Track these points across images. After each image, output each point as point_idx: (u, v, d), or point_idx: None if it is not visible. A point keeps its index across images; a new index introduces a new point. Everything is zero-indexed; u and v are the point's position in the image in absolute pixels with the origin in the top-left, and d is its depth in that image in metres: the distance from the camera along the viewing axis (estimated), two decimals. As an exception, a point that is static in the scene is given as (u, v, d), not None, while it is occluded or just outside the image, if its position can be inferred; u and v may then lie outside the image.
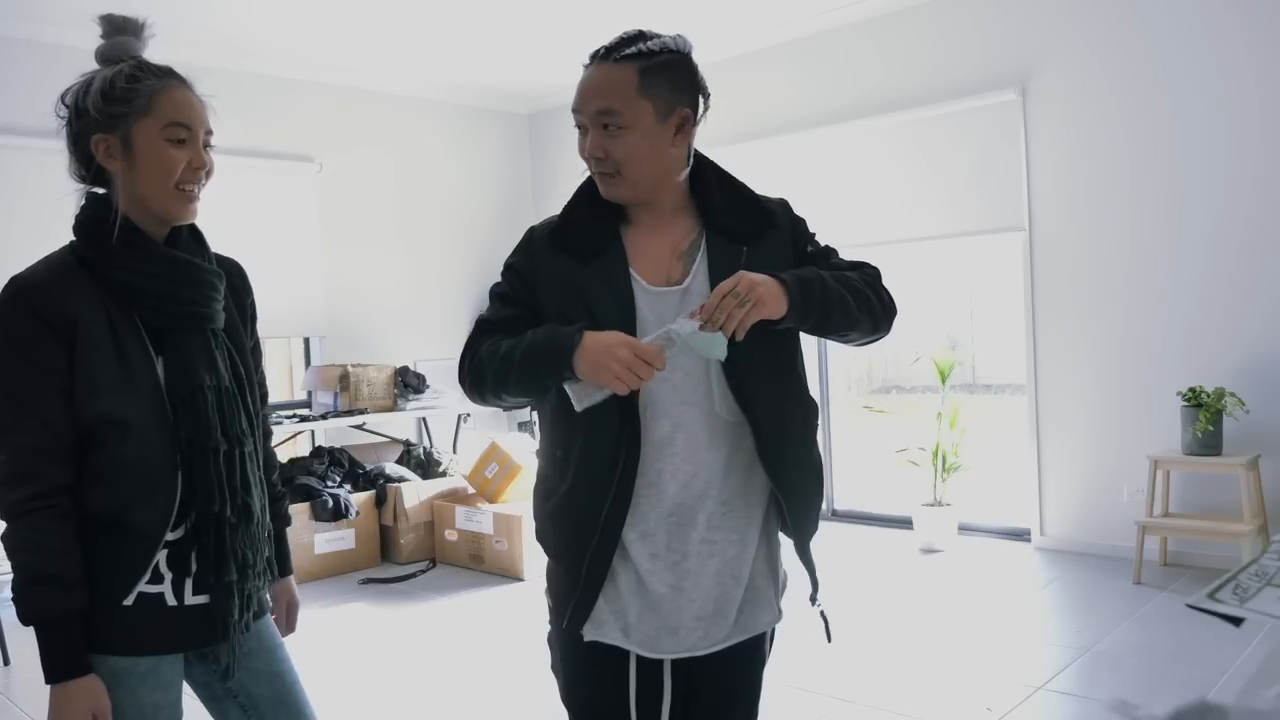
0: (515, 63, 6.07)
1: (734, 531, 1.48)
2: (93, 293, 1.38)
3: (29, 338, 1.34)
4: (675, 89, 1.45)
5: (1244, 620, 0.96)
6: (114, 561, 1.38)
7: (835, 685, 3.17)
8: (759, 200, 1.56)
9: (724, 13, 5.34)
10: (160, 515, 1.39)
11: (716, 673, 1.52)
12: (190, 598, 1.43)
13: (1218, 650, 3.20)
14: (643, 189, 1.48)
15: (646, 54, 1.43)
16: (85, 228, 1.42)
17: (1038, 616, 3.89)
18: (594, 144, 1.46)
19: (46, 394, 1.34)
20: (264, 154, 5.69)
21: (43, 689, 1.35)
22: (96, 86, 1.39)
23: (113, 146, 1.39)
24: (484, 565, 4.97)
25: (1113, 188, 4.54)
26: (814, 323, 1.43)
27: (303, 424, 5.32)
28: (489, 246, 6.91)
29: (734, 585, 1.48)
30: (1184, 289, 4.36)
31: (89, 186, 1.45)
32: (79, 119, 1.40)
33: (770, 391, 1.47)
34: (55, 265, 1.40)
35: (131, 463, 1.37)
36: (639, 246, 1.50)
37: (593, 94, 1.45)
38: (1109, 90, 4.52)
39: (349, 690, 3.42)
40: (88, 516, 1.37)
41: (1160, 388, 4.40)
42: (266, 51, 5.57)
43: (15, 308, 1.35)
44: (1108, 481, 4.61)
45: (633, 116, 1.42)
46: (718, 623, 1.47)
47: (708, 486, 1.46)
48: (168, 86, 1.41)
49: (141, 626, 1.40)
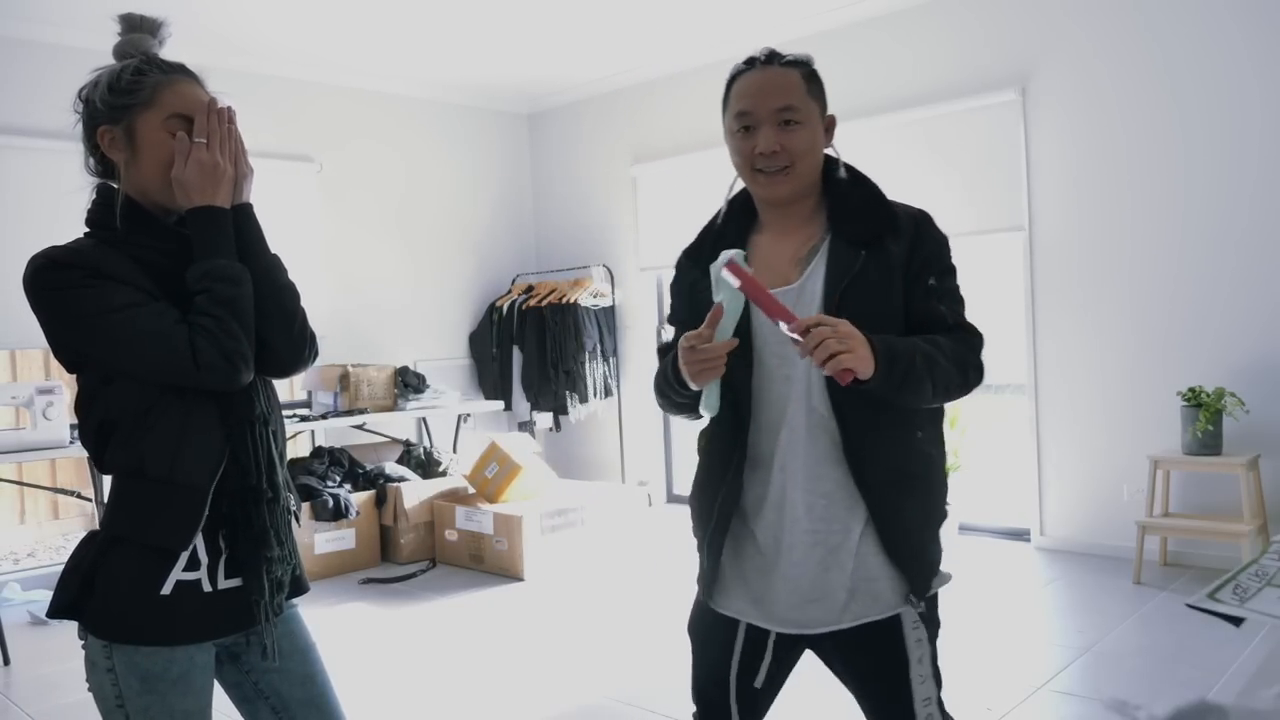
0: (515, 63, 6.07)
1: (836, 522, 1.54)
2: (125, 260, 1.39)
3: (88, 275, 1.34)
4: (823, 96, 1.59)
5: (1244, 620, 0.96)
6: (168, 515, 1.38)
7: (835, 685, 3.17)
8: (886, 204, 1.58)
9: (724, 13, 5.34)
10: (209, 472, 1.39)
11: (844, 654, 1.60)
12: (223, 582, 1.44)
13: (1218, 650, 3.20)
14: (804, 185, 1.58)
15: (802, 63, 1.57)
16: (99, 217, 1.44)
17: (1038, 616, 3.89)
18: (769, 139, 1.53)
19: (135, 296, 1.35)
20: (264, 154, 5.68)
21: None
22: (105, 80, 1.42)
23: (117, 138, 1.41)
24: (484, 565, 4.97)
25: (1113, 187, 4.54)
26: (884, 393, 1.44)
27: (303, 424, 5.32)
28: (489, 246, 6.92)
29: (838, 573, 1.54)
30: (1184, 289, 4.36)
31: (101, 180, 1.47)
32: (90, 113, 1.43)
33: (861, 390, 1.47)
34: (80, 244, 1.42)
35: (185, 420, 1.38)
36: (764, 250, 1.61)
37: (772, 92, 1.54)
38: (1109, 90, 4.52)
39: (349, 690, 3.41)
40: (141, 478, 1.38)
41: (1160, 388, 4.40)
42: (266, 51, 5.57)
43: (53, 266, 1.35)
44: (1108, 481, 4.61)
45: (807, 113, 1.55)
46: (824, 606, 1.54)
47: (808, 479, 1.54)
48: (173, 80, 1.43)
49: (178, 615, 1.40)
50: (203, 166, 1.40)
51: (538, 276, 6.88)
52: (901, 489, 1.54)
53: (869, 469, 1.52)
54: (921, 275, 1.54)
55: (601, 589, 4.60)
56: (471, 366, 6.77)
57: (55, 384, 4.38)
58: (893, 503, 1.54)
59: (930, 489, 1.58)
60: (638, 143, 6.46)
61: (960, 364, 1.51)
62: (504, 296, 6.72)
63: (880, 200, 1.59)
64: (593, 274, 6.49)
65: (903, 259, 1.54)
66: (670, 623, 4.03)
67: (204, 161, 1.40)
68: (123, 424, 1.38)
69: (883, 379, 1.40)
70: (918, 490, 1.56)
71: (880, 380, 1.40)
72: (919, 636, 1.56)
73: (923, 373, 1.44)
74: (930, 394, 1.48)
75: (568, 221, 6.94)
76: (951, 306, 1.56)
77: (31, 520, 6.43)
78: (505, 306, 6.60)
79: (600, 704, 3.20)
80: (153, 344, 1.33)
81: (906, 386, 1.43)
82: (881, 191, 1.60)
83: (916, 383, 1.44)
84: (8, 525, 6.28)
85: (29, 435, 4.21)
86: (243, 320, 1.39)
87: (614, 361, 6.54)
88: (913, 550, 1.56)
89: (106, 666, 1.38)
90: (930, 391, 1.47)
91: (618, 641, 3.83)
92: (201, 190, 1.40)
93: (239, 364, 1.37)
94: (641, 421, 6.56)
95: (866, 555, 1.54)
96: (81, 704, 3.36)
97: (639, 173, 6.44)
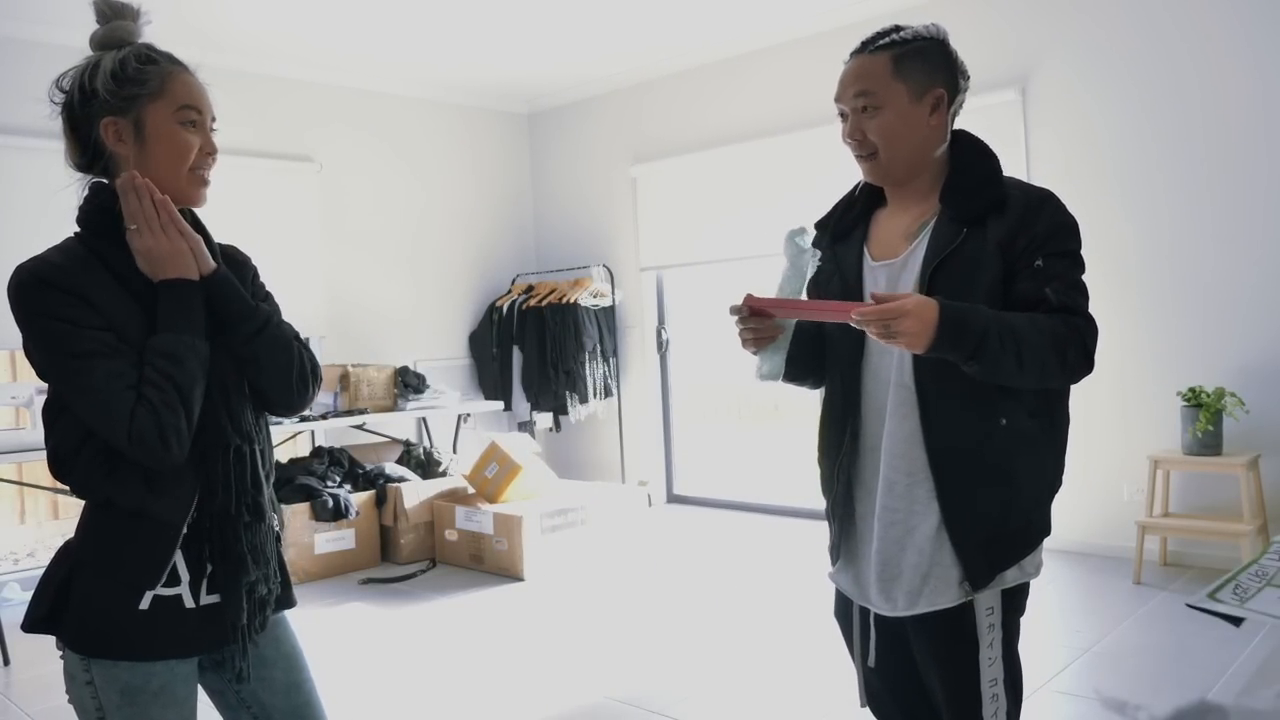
0: (515, 63, 6.07)
1: (917, 503, 1.56)
2: (106, 279, 1.34)
3: (66, 305, 1.30)
4: (930, 71, 1.57)
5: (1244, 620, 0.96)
6: (137, 552, 1.35)
7: (835, 684, 3.17)
8: (998, 183, 1.58)
9: (723, 14, 5.34)
10: (182, 506, 1.36)
11: (917, 637, 1.62)
12: (205, 598, 1.40)
13: (1218, 650, 3.20)
14: (897, 168, 1.61)
15: (900, 42, 1.57)
16: (92, 217, 1.38)
17: (1037, 616, 3.88)
18: (852, 127, 1.60)
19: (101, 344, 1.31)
20: (264, 154, 5.69)
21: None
22: (107, 68, 1.35)
23: (124, 129, 1.36)
24: (484, 565, 4.97)
25: (1112, 187, 4.53)
26: (962, 362, 1.45)
27: (302, 424, 5.31)
28: (489, 246, 6.91)
29: (914, 554, 1.56)
30: (1184, 289, 4.36)
31: (90, 176, 1.41)
32: (85, 102, 1.36)
33: (941, 368, 1.50)
34: (66, 251, 1.36)
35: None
36: (880, 226, 1.68)
37: (850, 81, 1.60)
38: (1109, 90, 4.52)
39: (349, 690, 3.42)
40: (111, 509, 1.35)
41: (1160, 388, 4.40)
42: (266, 51, 5.57)
43: (37, 284, 1.30)
44: (1108, 481, 4.61)
45: (887, 97, 1.56)
46: (898, 588, 1.57)
47: (892, 456, 1.58)
48: (178, 70, 1.40)
49: (157, 630, 1.36)
50: (150, 253, 1.34)
51: (538, 276, 6.88)
52: (975, 476, 1.53)
53: (942, 452, 1.54)
54: (1027, 255, 1.52)
55: (601, 589, 4.60)
56: (471, 366, 6.77)
57: (55, 384, 4.38)
58: (963, 489, 1.53)
59: (1010, 480, 1.55)
60: (638, 143, 6.46)
61: (1058, 346, 1.46)
62: (504, 296, 6.72)
63: (991, 178, 1.58)
64: (593, 274, 6.49)
65: (1006, 238, 1.52)
66: (670, 623, 4.03)
67: (149, 249, 1.34)
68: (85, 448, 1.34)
69: (948, 347, 1.41)
70: (994, 480, 1.54)
71: (942, 348, 1.41)
72: (992, 622, 1.56)
73: (1000, 346, 1.42)
74: (1015, 370, 1.44)
75: (568, 221, 6.94)
76: (1061, 290, 1.50)
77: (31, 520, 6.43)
78: (505, 306, 6.60)
79: (600, 704, 3.20)
80: (95, 404, 1.29)
81: (982, 358, 1.42)
82: (997, 169, 1.60)
83: (994, 356, 1.42)
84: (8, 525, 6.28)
85: (29, 435, 4.21)
86: (184, 395, 1.33)
87: (614, 361, 6.53)
88: (980, 541, 1.54)
89: (85, 680, 1.36)
90: (1014, 367, 1.44)
91: (618, 641, 3.83)
92: (164, 271, 1.35)
93: (171, 442, 1.31)
94: (641, 421, 6.56)
95: (944, 540, 1.55)
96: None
97: (639, 173, 6.44)
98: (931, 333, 1.39)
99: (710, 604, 4.27)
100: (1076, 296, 1.51)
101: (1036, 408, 1.55)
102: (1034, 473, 1.57)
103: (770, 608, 4.15)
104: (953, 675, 1.58)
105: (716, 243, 6.07)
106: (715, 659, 3.55)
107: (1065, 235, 1.54)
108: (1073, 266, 1.53)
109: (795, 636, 3.72)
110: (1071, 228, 1.55)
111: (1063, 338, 1.47)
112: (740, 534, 5.64)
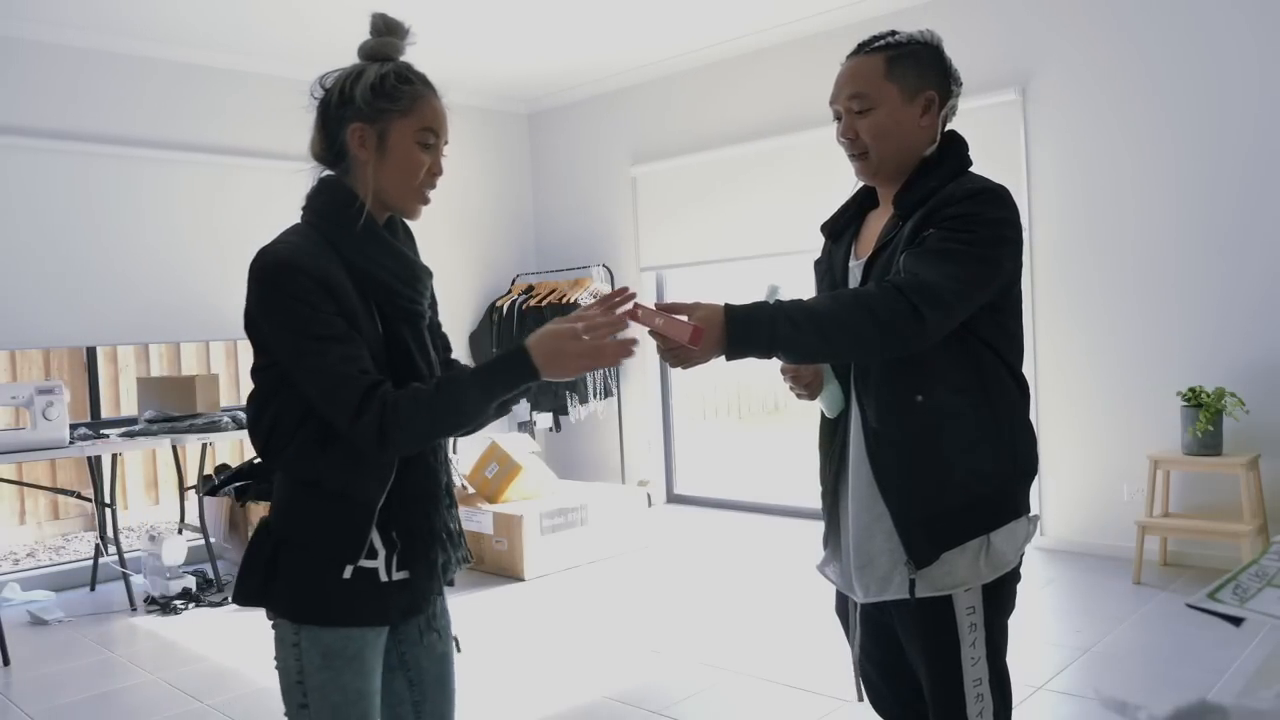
0: (515, 62, 6.07)
1: (876, 501, 1.61)
2: (340, 269, 1.43)
3: (310, 290, 1.38)
4: (922, 73, 1.60)
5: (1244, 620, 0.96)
6: (338, 528, 1.44)
7: (835, 685, 3.17)
8: (939, 175, 1.61)
9: (723, 14, 5.34)
10: (378, 486, 1.45)
11: (903, 631, 1.65)
12: (396, 573, 1.49)
13: (1218, 650, 3.20)
14: (887, 167, 1.63)
15: (894, 45, 1.60)
16: (328, 210, 1.48)
17: (1038, 616, 3.88)
18: (845, 126, 1.64)
19: (337, 329, 1.39)
20: (265, 154, 5.68)
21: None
22: (369, 79, 1.46)
23: (368, 137, 1.47)
24: (484, 565, 4.97)
25: (1113, 187, 4.54)
26: (766, 355, 1.48)
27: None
28: (488, 246, 6.92)
29: (883, 540, 1.60)
30: (1184, 288, 4.36)
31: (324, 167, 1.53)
32: (342, 105, 1.48)
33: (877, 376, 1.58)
34: (307, 240, 1.45)
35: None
36: (869, 225, 1.72)
37: (845, 82, 1.63)
38: (1109, 90, 4.52)
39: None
40: (314, 489, 1.44)
41: (1160, 388, 4.40)
42: (266, 51, 5.56)
43: (287, 268, 1.39)
44: (1108, 481, 4.61)
45: (879, 97, 1.59)
46: (870, 574, 1.63)
47: (858, 443, 1.64)
48: (429, 94, 1.50)
49: (356, 600, 1.45)
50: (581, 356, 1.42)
51: (538, 276, 6.88)
52: (901, 455, 1.58)
53: (874, 434, 1.60)
54: (922, 231, 1.54)
55: (601, 589, 4.60)
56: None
57: (55, 384, 4.37)
58: (893, 468, 1.59)
59: (938, 457, 1.55)
60: (638, 143, 6.46)
61: (863, 307, 1.44)
62: (504, 297, 6.72)
63: (931, 172, 1.61)
64: (593, 274, 6.49)
65: (921, 223, 1.54)
66: (670, 622, 4.03)
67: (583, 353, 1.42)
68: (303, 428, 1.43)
69: (744, 345, 1.45)
70: (920, 458, 1.56)
71: (739, 347, 1.45)
72: (974, 621, 1.56)
73: (793, 328, 1.43)
74: (821, 345, 1.47)
75: (568, 221, 6.94)
76: (920, 261, 1.48)
77: (31, 520, 6.44)
78: (505, 307, 6.60)
79: (600, 704, 3.20)
80: (327, 385, 1.38)
81: (779, 344, 1.45)
82: (952, 167, 1.62)
83: (790, 339, 1.44)
84: (8, 525, 6.29)
85: (29, 435, 4.21)
86: (434, 429, 1.42)
87: (614, 361, 6.53)
88: (920, 520, 1.56)
89: (293, 642, 1.45)
90: (819, 343, 1.46)
91: (618, 641, 3.83)
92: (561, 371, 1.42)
93: (389, 443, 1.38)
94: (641, 421, 6.56)
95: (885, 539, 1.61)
96: (81, 704, 3.36)
97: (639, 173, 6.44)
98: (719, 334, 1.44)
99: (710, 604, 4.27)
100: (937, 268, 1.46)
101: (962, 384, 1.55)
102: (963, 449, 1.55)
103: (770, 607, 4.15)
104: (936, 673, 1.60)
105: (716, 242, 6.08)
106: (715, 659, 3.55)
107: (971, 214, 1.50)
108: (957, 241, 1.48)
109: (795, 636, 3.72)
110: (981, 211, 1.51)
111: (869, 297, 1.45)
112: (740, 534, 5.64)
